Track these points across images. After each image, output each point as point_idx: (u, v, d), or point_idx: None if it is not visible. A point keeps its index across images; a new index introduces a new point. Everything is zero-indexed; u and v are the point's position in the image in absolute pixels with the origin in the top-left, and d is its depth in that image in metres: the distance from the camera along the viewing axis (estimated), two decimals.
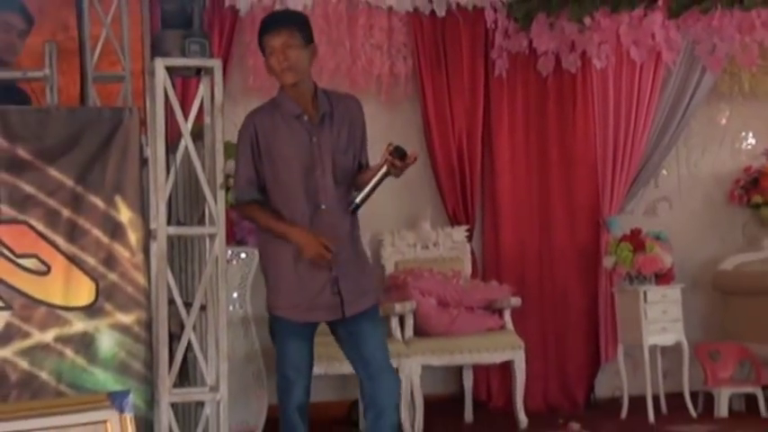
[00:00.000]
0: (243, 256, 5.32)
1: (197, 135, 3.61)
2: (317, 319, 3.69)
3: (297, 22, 3.71)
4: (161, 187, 3.45)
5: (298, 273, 3.64)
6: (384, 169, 3.57)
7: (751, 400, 5.96)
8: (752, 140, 6.98)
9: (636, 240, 5.90)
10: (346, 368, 4.09)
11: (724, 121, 6.95)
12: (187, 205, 3.91)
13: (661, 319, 5.87)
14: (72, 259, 3.38)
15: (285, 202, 3.65)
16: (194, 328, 3.51)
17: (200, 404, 3.57)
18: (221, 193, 3.56)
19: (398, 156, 3.56)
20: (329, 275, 3.64)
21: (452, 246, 6.25)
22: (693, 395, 5.94)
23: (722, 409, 5.86)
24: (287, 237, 3.61)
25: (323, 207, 3.64)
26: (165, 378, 3.43)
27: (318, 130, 3.66)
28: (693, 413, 5.88)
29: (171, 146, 3.56)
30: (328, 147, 3.66)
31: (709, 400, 5.96)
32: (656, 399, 5.90)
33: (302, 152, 3.64)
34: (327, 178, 3.64)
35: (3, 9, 4.26)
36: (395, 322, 5.61)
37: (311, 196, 3.64)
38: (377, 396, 3.65)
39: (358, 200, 3.65)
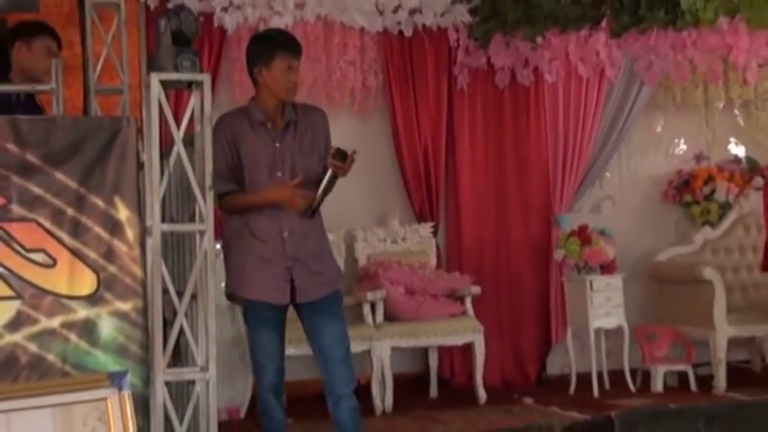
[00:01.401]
0: None
1: (188, 142, 3.61)
2: (269, 299, 3.69)
3: None
4: (156, 188, 3.45)
5: (261, 260, 3.67)
6: (330, 172, 3.61)
7: (683, 376, 6.04)
8: (683, 146, 7.04)
9: (583, 235, 5.96)
10: None
11: (659, 129, 6.99)
12: (179, 205, 3.91)
13: (605, 305, 5.93)
14: (76, 253, 3.37)
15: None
16: (186, 314, 3.51)
17: (192, 383, 3.57)
18: (210, 194, 3.56)
19: (340, 158, 3.59)
20: (285, 265, 3.67)
21: (419, 240, 6.28)
22: (633, 372, 6.00)
23: (657, 385, 5.94)
24: (267, 201, 3.64)
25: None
26: (160, 359, 3.44)
27: (281, 136, 3.74)
28: (632, 388, 5.95)
29: (165, 151, 3.56)
30: (290, 151, 3.72)
31: (647, 376, 6.03)
32: (600, 375, 5.96)
33: (267, 155, 3.72)
34: (287, 179, 3.69)
35: (42, 34, 4.24)
36: (367, 309, 5.65)
37: None
38: (334, 386, 3.68)
39: (314, 203, 3.67)
